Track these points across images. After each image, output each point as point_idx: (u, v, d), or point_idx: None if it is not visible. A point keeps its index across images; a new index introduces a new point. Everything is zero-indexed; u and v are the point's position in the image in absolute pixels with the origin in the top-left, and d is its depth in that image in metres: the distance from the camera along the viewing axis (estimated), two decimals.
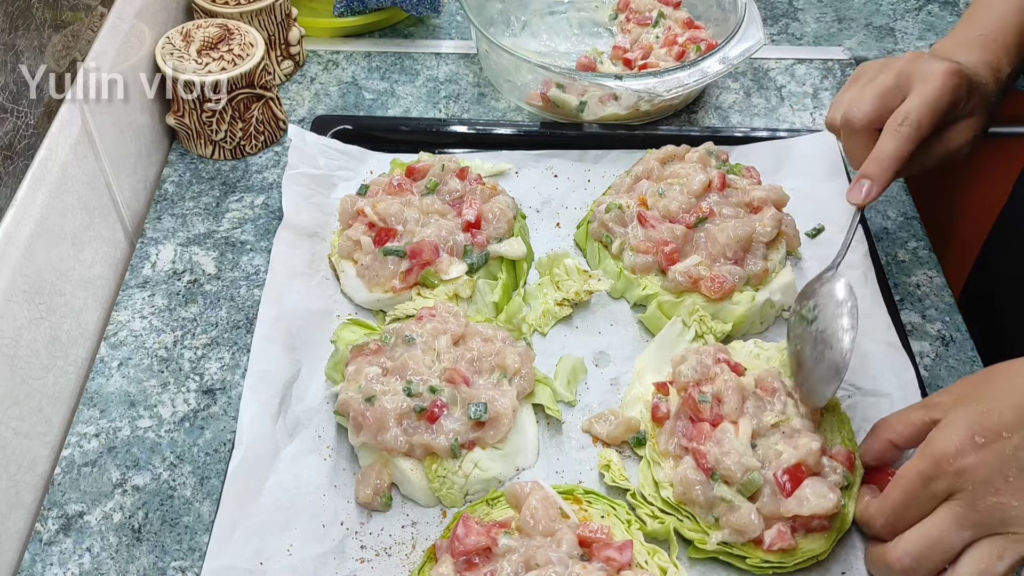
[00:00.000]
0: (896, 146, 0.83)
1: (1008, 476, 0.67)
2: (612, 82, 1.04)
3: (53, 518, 0.79)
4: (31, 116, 0.81)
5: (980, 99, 0.87)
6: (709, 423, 0.79)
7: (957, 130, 0.88)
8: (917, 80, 0.85)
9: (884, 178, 0.85)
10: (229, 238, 1.00)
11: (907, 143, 0.83)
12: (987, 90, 0.88)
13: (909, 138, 0.83)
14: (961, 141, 0.88)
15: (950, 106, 0.84)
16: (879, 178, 0.85)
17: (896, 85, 0.85)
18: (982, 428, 0.69)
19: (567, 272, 0.95)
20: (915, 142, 0.83)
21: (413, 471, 0.79)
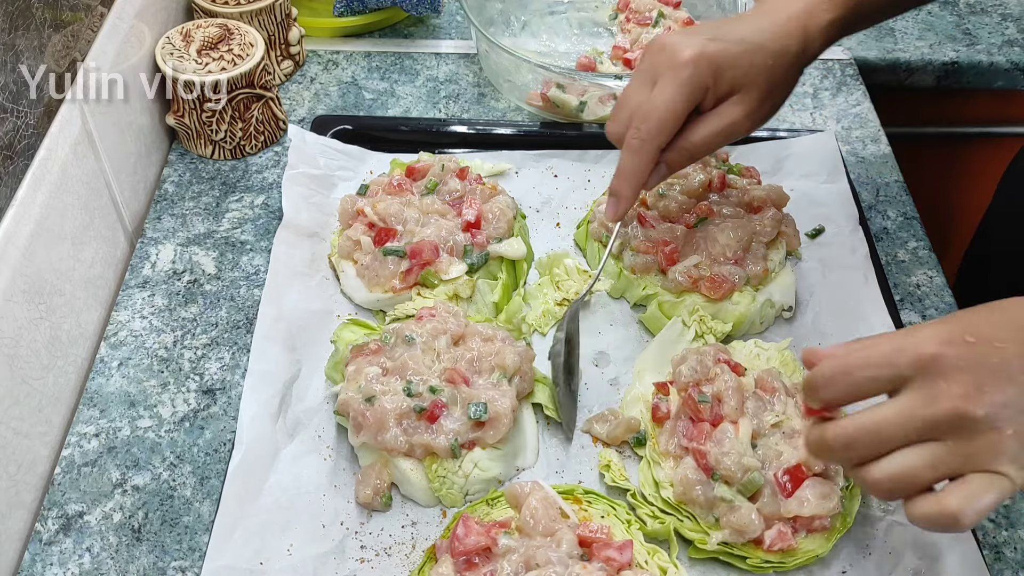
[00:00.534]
0: (634, 161, 0.82)
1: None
2: (612, 82, 1.04)
3: (53, 518, 0.79)
4: (31, 116, 0.81)
5: (744, 74, 0.81)
6: (709, 423, 0.79)
7: (719, 114, 0.82)
8: (658, 77, 0.81)
9: (631, 192, 0.84)
10: (229, 238, 1.00)
11: (643, 155, 0.82)
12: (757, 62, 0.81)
13: (644, 151, 0.81)
14: (731, 120, 0.82)
15: (690, 100, 0.80)
16: (626, 193, 0.84)
17: (644, 88, 0.82)
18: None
19: (567, 272, 0.95)
20: (652, 153, 0.82)
21: (413, 471, 0.79)
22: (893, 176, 1.09)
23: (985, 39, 1.27)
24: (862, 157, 1.12)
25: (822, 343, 0.92)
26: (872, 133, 1.14)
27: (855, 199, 1.04)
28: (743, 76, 0.81)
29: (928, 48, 1.26)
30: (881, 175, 1.10)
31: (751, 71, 0.81)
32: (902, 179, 1.09)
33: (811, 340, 0.93)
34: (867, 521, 0.80)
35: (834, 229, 1.01)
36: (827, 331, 0.93)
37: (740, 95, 0.82)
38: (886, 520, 0.80)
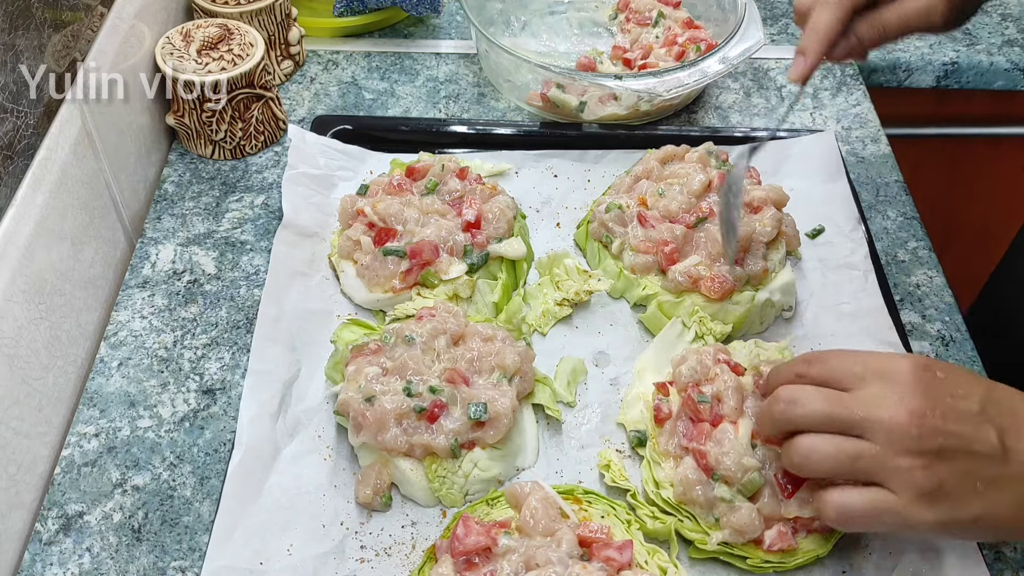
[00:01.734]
0: (827, 17, 0.80)
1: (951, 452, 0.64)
2: (612, 82, 1.04)
3: (53, 518, 0.79)
4: (31, 116, 0.81)
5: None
6: (709, 423, 0.79)
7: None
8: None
9: (819, 49, 0.82)
10: (229, 238, 1.00)
11: (838, 11, 0.80)
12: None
13: (840, 6, 0.80)
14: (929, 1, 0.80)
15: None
16: (814, 48, 0.82)
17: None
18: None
19: (567, 272, 0.95)
20: (847, 10, 0.80)
21: (413, 471, 0.79)
22: (893, 176, 1.09)
23: (985, 39, 1.27)
24: (862, 157, 1.12)
25: (822, 343, 0.92)
26: (872, 133, 1.14)
27: (855, 199, 1.04)
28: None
29: (928, 48, 1.26)
30: (881, 175, 1.10)
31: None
32: (902, 179, 1.09)
33: (811, 340, 0.93)
34: None
35: (834, 229, 1.01)
36: (827, 331, 0.93)
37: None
38: None
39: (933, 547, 0.77)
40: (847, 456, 0.65)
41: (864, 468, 0.65)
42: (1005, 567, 0.79)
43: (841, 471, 0.66)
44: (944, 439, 0.63)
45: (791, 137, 1.10)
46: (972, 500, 0.64)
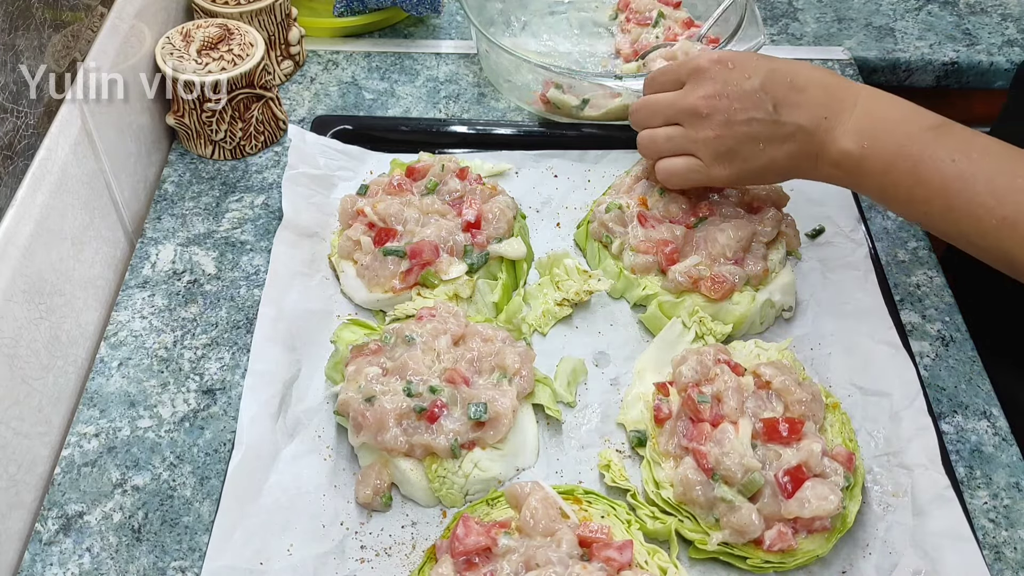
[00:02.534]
0: None
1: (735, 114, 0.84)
2: (612, 82, 1.04)
3: (53, 518, 0.79)
4: (31, 116, 0.81)
5: None
6: (709, 423, 0.79)
7: None
8: None
9: None
10: (229, 238, 1.00)
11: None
12: None
13: None
14: None
15: None
16: None
17: None
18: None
19: (567, 272, 0.95)
20: None
21: (413, 471, 0.79)
22: None
23: (985, 39, 1.27)
24: None
25: (822, 344, 0.92)
26: None
27: (855, 199, 1.04)
28: None
29: (928, 48, 1.26)
30: None
31: None
32: None
33: (811, 340, 0.93)
34: (867, 521, 0.80)
35: (834, 229, 1.01)
36: (827, 331, 0.93)
37: None
38: (886, 520, 0.80)
39: (933, 547, 0.77)
40: (664, 137, 0.90)
41: (678, 144, 0.89)
42: (1005, 567, 0.79)
43: (665, 151, 0.90)
44: (728, 114, 0.84)
45: None
46: (757, 156, 0.85)
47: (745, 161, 0.86)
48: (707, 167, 0.87)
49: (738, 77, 0.84)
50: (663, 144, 0.90)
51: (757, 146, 0.85)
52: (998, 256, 0.79)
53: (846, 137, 0.82)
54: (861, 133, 0.82)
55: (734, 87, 0.84)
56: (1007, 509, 0.82)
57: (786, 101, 0.84)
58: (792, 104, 0.84)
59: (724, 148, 0.85)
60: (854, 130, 0.82)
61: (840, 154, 0.83)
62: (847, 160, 0.83)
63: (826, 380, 0.89)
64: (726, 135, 0.85)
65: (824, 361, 0.91)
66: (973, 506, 0.82)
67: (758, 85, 0.84)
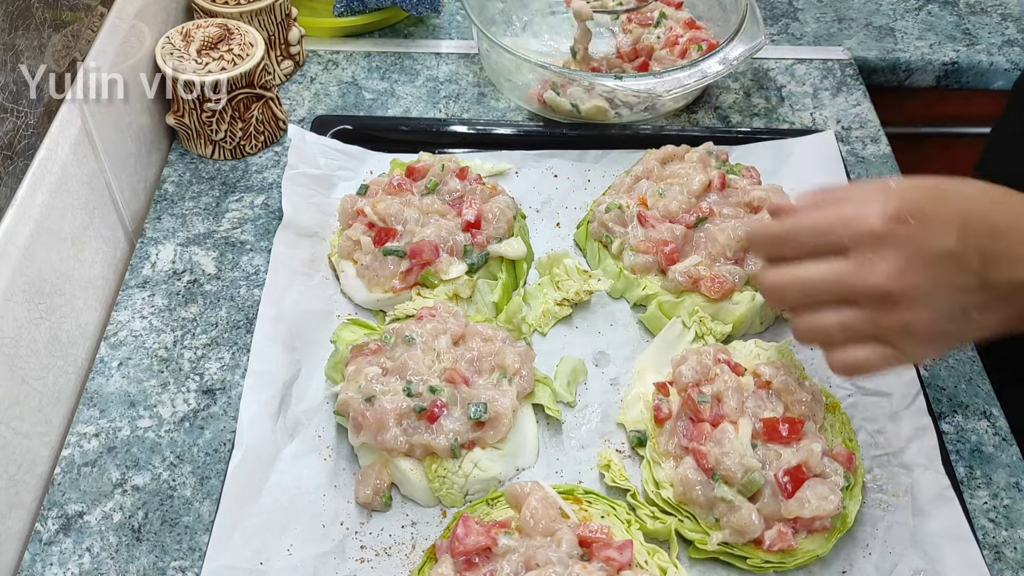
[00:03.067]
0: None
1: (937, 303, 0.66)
2: (612, 82, 1.04)
3: (53, 518, 0.79)
4: (31, 116, 0.81)
5: None
6: (709, 423, 0.79)
7: None
8: None
9: None
10: (229, 238, 1.00)
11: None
12: None
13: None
14: None
15: None
16: None
17: None
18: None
19: (567, 272, 0.95)
20: None
21: (413, 471, 0.79)
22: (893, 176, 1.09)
23: (985, 39, 1.27)
24: (862, 157, 1.12)
25: None
26: (872, 133, 1.14)
27: None
28: None
29: (928, 48, 1.26)
30: (881, 175, 1.10)
31: None
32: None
33: None
34: (867, 521, 0.80)
35: None
36: None
37: None
38: (886, 520, 0.80)
39: (933, 547, 0.77)
40: (840, 327, 0.68)
41: (861, 333, 0.67)
42: (1005, 567, 0.79)
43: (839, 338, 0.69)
44: (931, 290, 0.65)
45: (791, 137, 1.10)
46: (968, 329, 0.68)
47: (952, 337, 0.69)
48: (907, 355, 0.68)
49: (929, 238, 0.65)
50: (838, 335, 0.69)
51: (968, 318, 0.67)
52: None
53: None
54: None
55: (928, 253, 0.65)
56: (1007, 509, 0.82)
57: (992, 254, 0.66)
58: (1000, 256, 0.66)
59: (930, 333, 0.66)
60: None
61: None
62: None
63: (826, 380, 0.89)
64: (930, 318, 0.66)
65: (824, 361, 0.91)
66: (973, 506, 0.82)
67: (954, 243, 0.65)
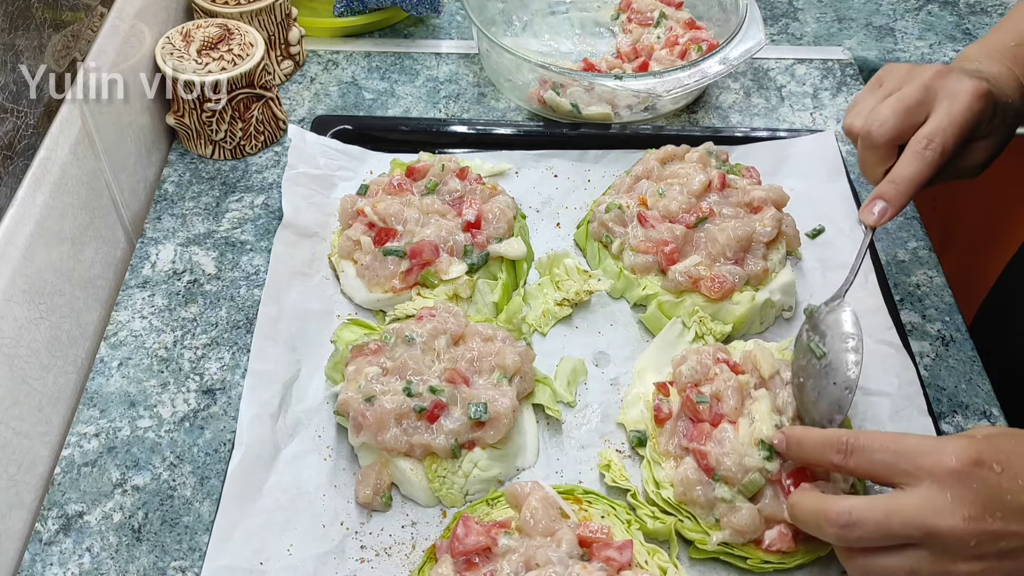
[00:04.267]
0: (918, 169, 0.79)
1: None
2: (612, 82, 1.04)
3: (53, 518, 0.79)
4: (31, 116, 0.81)
5: (1003, 118, 0.84)
6: (708, 423, 0.79)
7: (974, 149, 0.84)
8: (944, 97, 0.81)
9: (901, 200, 0.81)
10: (229, 238, 1.00)
11: (930, 167, 0.79)
12: (1011, 108, 0.84)
13: (932, 163, 0.79)
14: (975, 161, 0.85)
15: (974, 127, 0.81)
16: (896, 200, 0.81)
17: (922, 101, 0.81)
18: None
19: (567, 272, 0.95)
20: (938, 167, 0.80)
21: (413, 471, 0.79)
22: None
23: None
24: None
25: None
26: None
27: (855, 199, 1.04)
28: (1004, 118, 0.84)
29: (928, 48, 1.25)
30: None
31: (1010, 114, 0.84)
32: None
33: None
34: None
35: (834, 229, 1.01)
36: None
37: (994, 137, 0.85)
38: None
39: None
40: (907, 570, 0.64)
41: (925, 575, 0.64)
42: None
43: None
44: (1006, 542, 0.62)
45: (791, 137, 1.10)
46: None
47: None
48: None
49: (1010, 486, 0.62)
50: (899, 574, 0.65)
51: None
52: None
53: None
54: None
55: (1009, 501, 0.62)
56: None
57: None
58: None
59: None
60: None
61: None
62: None
63: None
64: (1001, 568, 0.63)
65: None
66: None
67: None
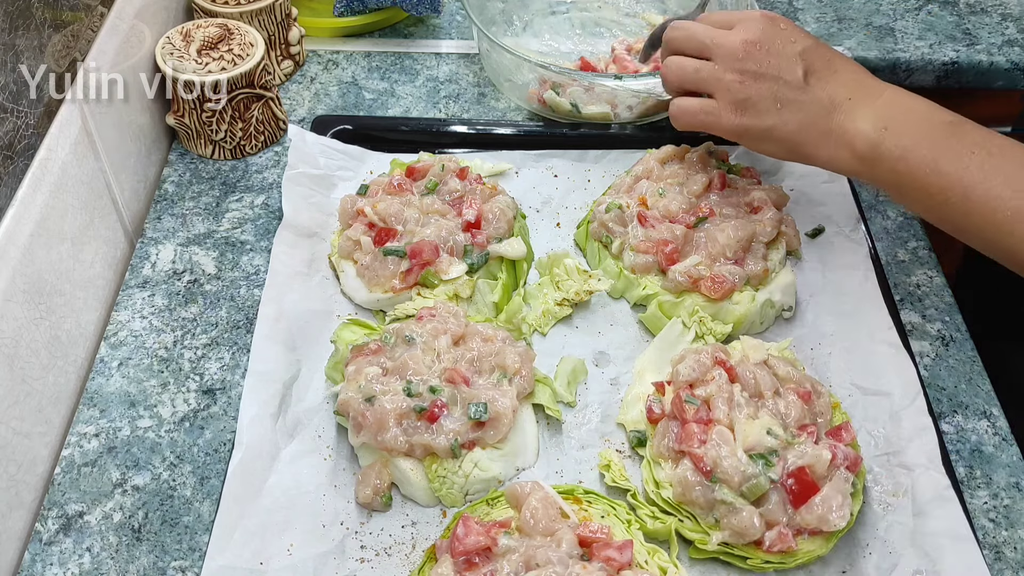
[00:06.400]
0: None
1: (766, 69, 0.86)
2: (612, 82, 1.04)
3: (53, 518, 0.79)
4: (31, 116, 0.81)
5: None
6: (696, 424, 0.78)
7: None
8: None
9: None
10: (229, 238, 1.00)
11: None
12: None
13: None
14: None
15: None
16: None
17: None
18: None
19: (567, 272, 0.95)
20: None
21: (413, 471, 0.79)
22: None
23: (985, 39, 1.27)
24: None
25: (822, 344, 0.92)
26: None
27: (855, 199, 1.04)
28: None
29: (928, 48, 1.25)
30: None
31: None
32: None
33: (811, 340, 0.93)
34: (867, 521, 0.80)
35: (834, 229, 1.01)
36: (827, 331, 0.93)
37: None
38: (886, 520, 0.80)
39: (933, 547, 0.77)
40: (692, 68, 0.89)
41: (702, 78, 0.89)
42: (1005, 567, 0.79)
43: (688, 80, 0.90)
44: (760, 66, 0.86)
45: None
46: (770, 114, 0.86)
47: (757, 115, 0.87)
48: (719, 111, 0.88)
49: (783, 37, 0.87)
50: (689, 73, 0.90)
51: (775, 105, 0.86)
52: (1006, 250, 0.80)
53: (866, 120, 0.84)
54: (882, 118, 0.84)
55: (776, 44, 0.87)
56: (1007, 509, 0.82)
57: (818, 73, 0.87)
58: (822, 78, 0.86)
59: (743, 96, 0.86)
60: (875, 115, 0.84)
61: (857, 135, 0.84)
62: (863, 142, 0.84)
63: (826, 380, 0.89)
64: (750, 83, 0.86)
65: (824, 361, 0.91)
66: (973, 506, 0.82)
67: (799, 51, 0.87)
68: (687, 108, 0.91)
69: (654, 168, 0.99)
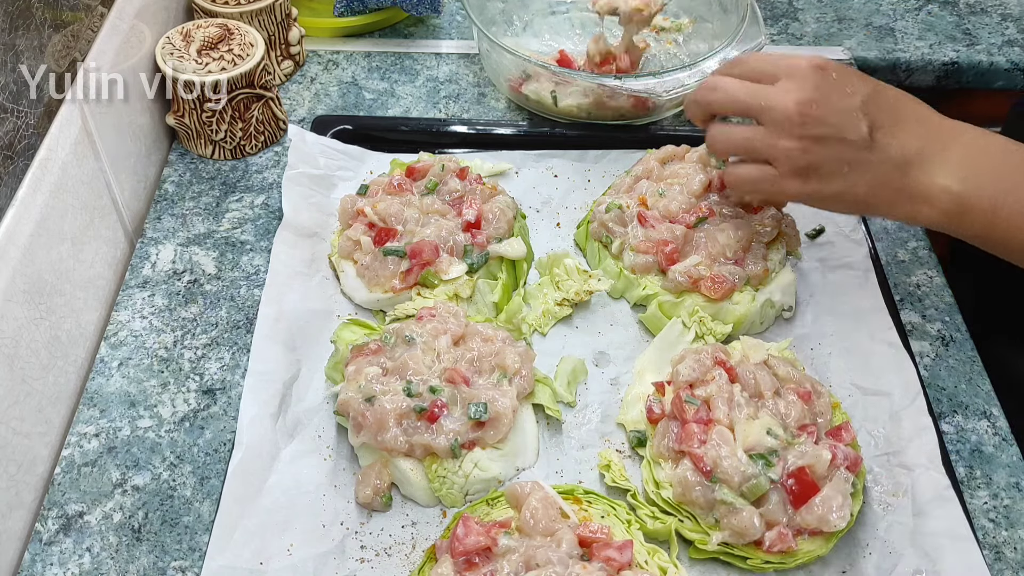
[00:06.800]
0: None
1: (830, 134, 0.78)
2: (611, 82, 1.04)
3: (53, 518, 0.79)
4: (31, 116, 0.81)
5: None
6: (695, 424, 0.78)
7: None
8: None
9: None
10: (229, 238, 1.00)
11: None
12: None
13: None
14: None
15: None
16: None
17: None
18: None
19: (567, 272, 0.95)
20: None
21: (413, 471, 0.79)
22: None
23: (985, 39, 1.27)
24: None
25: (822, 344, 0.92)
26: None
27: None
28: None
29: (928, 48, 1.26)
30: None
31: None
32: None
33: (811, 340, 0.93)
34: (867, 521, 0.80)
35: (834, 229, 1.01)
36: (827, 331, 0.93)
37: None
38: (886, 520, 0.80)
39: (933, 547, 0.77)
40: (742, 137, 0.83)
41: (755, 147, 0.82)
42: (1005, 567, 0.79)
43: (738, 149, 0.84)
44: (822, 128, 0.78)
45: None
46: (836, 178, 0.80)
47: (822, 181, 0.80)
48: (781, 179, 0.81)
49: (839, 91, 0.79)
50: (739, 143, 0.83)
51: (841, 168, 0.79)
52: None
53: (943, 174, 0.78)
54: (959, 168, 0.78)
55: (833, 100, 0.78)
56: (1007, 509, 0.82)
57: (883, 127, 0.79)
58: (888, 131, 0.79)
59: (805, 162, 0.79)
60: (951, 166, 0.78)
61: (935, 189, 0.78)
62: (945, 197, 0.78)
63: (826, 380, 0.89)
64: (812, 148, 0.79)
65: (824, 361, 0.91)
66: (973, 506, 0.82)
67: (858, 103, 0.79)
68: (745, 177, 0.84)
69: (654, 168, 0.99)
